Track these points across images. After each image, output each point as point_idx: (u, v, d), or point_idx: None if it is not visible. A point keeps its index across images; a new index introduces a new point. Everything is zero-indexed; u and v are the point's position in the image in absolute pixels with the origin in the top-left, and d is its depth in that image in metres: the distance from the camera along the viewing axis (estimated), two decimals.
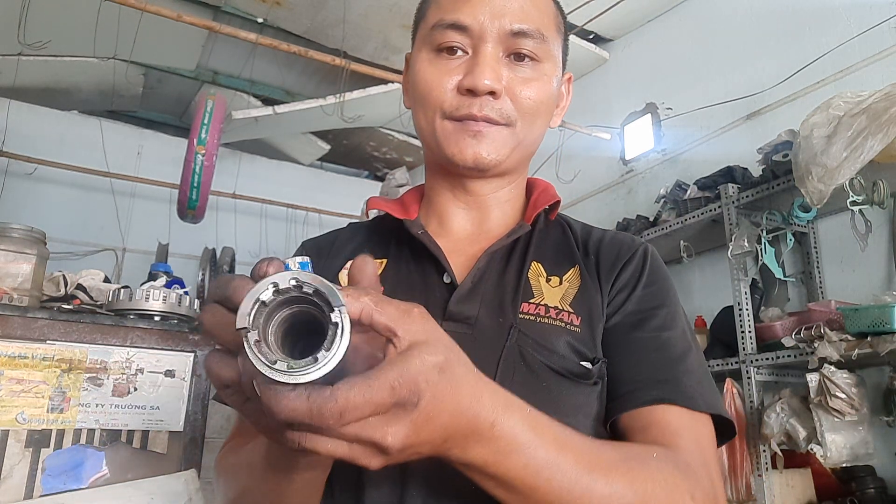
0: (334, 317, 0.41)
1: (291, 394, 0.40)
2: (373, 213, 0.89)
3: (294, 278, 0.42)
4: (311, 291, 0.42)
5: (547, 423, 0.52)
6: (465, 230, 0.80)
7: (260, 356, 0.41)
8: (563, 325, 0.71)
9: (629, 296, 0.74)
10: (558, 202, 0.83)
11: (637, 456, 0.57)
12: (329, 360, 0.41)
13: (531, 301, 0.73)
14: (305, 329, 0.44)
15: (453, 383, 0.46)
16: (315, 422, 0.41)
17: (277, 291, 0.42)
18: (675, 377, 0.67)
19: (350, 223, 0.92)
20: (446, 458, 0.49)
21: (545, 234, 0.80)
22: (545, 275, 0.75)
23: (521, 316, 0.71)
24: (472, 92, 0.71)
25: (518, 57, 0.73)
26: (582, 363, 0.69)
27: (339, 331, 0.41)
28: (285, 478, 0.57)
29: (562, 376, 0.68)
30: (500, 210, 0.81)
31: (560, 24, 0.79)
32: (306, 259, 0.52)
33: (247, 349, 0.41)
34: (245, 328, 0.41)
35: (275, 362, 0.40)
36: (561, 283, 0.75)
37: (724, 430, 0.70)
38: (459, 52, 0.73)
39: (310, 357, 0.41)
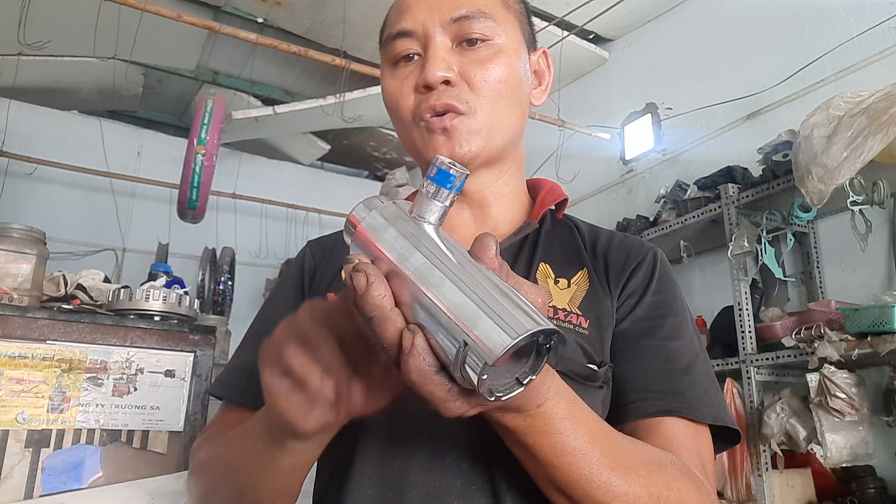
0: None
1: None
2: None
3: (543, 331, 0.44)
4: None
5: (586, 417, 0.56)
6: (468, 228, 0.79)
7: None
8: (570, 326, 0.70)
9: (638, 301, 0.74)
10: (566, 200, 0.82)
11: (657, 461, 0.60)
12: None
13: None
14: None
15: None
16: None
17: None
18: (681, 389, 0.68)
19: None
20: (490, 416, 0.52)
21: (552, 234, 0.80)
22: (553, 276, 0.75)
23: None
24: (428, 87, 0.72)
25: (470, 42, 0.73)
26: (588, 364, 0.69)
27: None
28: (281, 449, 0.57)
29: (567, 377, 0.67)
30: (500, 206, 0.80)
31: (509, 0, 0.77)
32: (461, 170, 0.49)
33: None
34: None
35: None
36: (569, 285, 0.74)
37: (727, 435, 0.71)
38: (415, 58, 0.74)
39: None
